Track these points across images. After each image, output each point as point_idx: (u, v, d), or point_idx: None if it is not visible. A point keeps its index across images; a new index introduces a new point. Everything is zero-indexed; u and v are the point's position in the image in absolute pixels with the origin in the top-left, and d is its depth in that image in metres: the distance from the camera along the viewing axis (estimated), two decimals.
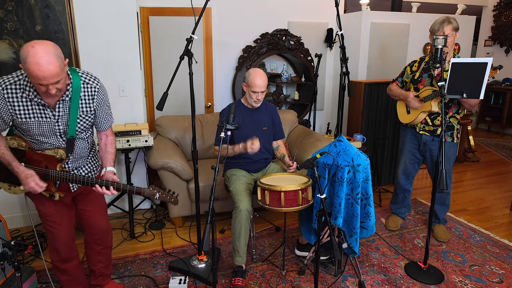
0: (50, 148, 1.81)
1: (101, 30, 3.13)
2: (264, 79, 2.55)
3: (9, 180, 1.87)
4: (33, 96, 1.70)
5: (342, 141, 2.35)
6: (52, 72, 1.54)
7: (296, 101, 4.61)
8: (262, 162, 2.76)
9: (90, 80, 1.85)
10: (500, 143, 6.18)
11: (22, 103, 1.71)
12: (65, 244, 2.02)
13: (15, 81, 1.70)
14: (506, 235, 3.11)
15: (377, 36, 4.49)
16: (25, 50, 1.52)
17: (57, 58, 1.56)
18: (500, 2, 6.82)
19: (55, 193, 1.88)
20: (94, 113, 1.90)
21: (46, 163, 1.81)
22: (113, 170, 1.92)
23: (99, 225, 2.13)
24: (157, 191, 1.86)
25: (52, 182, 1.86)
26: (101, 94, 1.89)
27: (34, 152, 1.81)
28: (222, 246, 2.95)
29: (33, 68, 1.51)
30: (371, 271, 2.61)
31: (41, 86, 1.58)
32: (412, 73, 2.91)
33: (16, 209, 3.24)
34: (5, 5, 2.88)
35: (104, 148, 2.00)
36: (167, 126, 3.58)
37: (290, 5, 4.39)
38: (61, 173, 1.82)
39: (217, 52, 4.16)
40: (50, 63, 1.53)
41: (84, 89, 1.82)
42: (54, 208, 1.95)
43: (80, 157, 1.95)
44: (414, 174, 3.10)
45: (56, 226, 1.98)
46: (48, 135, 1.79)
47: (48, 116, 1.76)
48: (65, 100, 1.77)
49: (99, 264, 2.23)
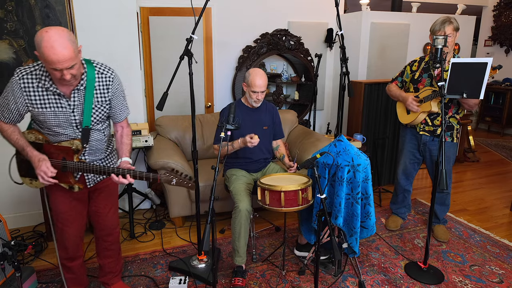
0: (66, 139, 1.83)
1: (101, 30, 3.13)
2: (264, 79, 2.55)
3: (30, 174, 1.89)
4: (48, 85, 1.72)
5: (342, 141, 2.35)
6: (66, 56, 1.56)
7: (296, 101, 4.61)
8: (261, 162, 2.76)
9: (104, 70, 1.87)
10: (500, 143, 6.18)
11: (38, 92, 1.73)
12: (74, 243, 2.05)
13: (31, 71, 1.72)
14: (506, 235, 3.11)
15: (377, 36, 4.49)
16: (39, 35, 1.54)
17: (71, 42, 1.58)
18: (500, 2, 6.82)
19: (74, 184, 1.89)
20: (109, 103, 1.91)
21: (63, 155, 1.82)
22: (129, 160, 1.93)
23: (108, 221, 2.16)
24: (173, 176, 1.84)
25: (71, 174, 1.87)
26: (115, 84, 1.90)
27: (51, 145, 1.83)
28: (222, 246, 2.95)
29: (47, 52, 1.53)
30: (371, 271, 2.61)
31: (56, 71, 1.60)
32: (412, 72, 2.90)
33: (16, 209, 3.24)
34: (5, 5, 2.88)
35: (120, 140, 2.01)
36: (167, 126, 3.58)
37: (290, 5, 4.39)
38: (78, 164, 1.82)
39: (217, 52, 4.16)
40: (64, 47, 1.55)
41: (98, 78, 1.83)
42: (68, 206, 1.97)
43: (97, 150, 1.95)
44: (414, 174, 3.10)
45: (68, 224, 2.00)
46: (64, 125, 1.80)
47: (64, 106, 1.77)
48: (80, 90, 1.78)
49: (108, 259, 2.26)
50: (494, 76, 3.11)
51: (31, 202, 3.26)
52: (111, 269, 2.29)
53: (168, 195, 3.16)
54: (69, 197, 1.96)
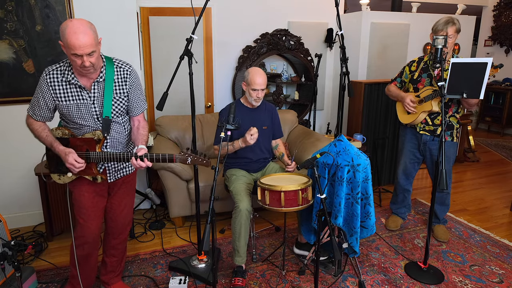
0: (89, 131, 1.95)
1: (101, 30, 3.08)
2: (264, 77, 2.55)
3: (58, 170, 1.99)
4: (70, 78, 1.87)
5: (342, 141, 2.35)
6: (87, 42, 1.71)
7: (296, 101, 4.61)
8: (261, 162, 2.76)
9: (123, 64, 2.00)
10: (500, 143, 6.18)
11: (62, 86, 1.89)
12: (93, 239, 2.10)
13: (57, 68, 1.89)
14: (506, 235, 3.11)
15: (377, 36, 4.49)
16: (63, 24, 1.72)
17: (91, 30, 1.75)
18: (500, 2, 6.82)
19: (97, 175, 1.97)
20: (127, 96, 2.01)
21: (87, 146, 1.93)
22: (144, 148, 1.99)
23: (122, 219, 2.22)
24: (188, 155, 1.91)
25: (95, 165, 1.97)
26: (133, 77, 2.02)
27: (76, 138, 1.95)
28: (222, 246, 2.95)
29: (71, 38, 1.68)
30: (371, 271, 2.61)
31: (77, 58, 1.73)
32: (411, 73, 2.90)
33: (16, 209, 3.25)
34: (5, 5, 2.88)
35: (136, 132, 2.09)
36: (167, 126, 3.58)
37: (290, 5, 4.39)
38: (100, 154, 1.93)
39: (217, 52, 4.16)
40: (85, 33, 1.71)
41: (117, 72, 1.97)
42: (92, 201, 2.04)
43: (119, 142, 2.05)
44: (414, 174, 3.10)
45: (90, 219, 2.05)
46: (86, 117, 1.93)
47: (85, 97, 1.91)
48: (99, 82, 1.92)
49: (113, 258, 2.30)
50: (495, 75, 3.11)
51: (31, 202, 3.26)
52: (114, 268, 2.32)
53: (168, 195, 3.16)
54: (92, 192, 2.03)
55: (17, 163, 3.14)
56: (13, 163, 3.14)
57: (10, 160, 3.15)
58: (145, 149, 1.97)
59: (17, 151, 3.13)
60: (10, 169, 3.17)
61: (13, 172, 3.18)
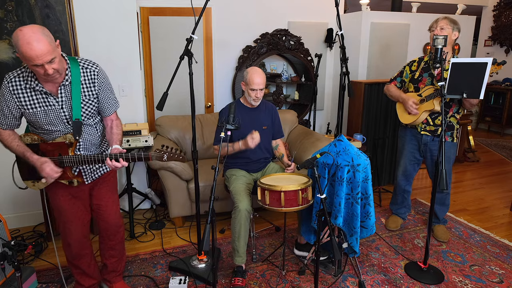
0: (59, 136, 1.88)
1: (101, 30, 3.13)
2: (262, 76, 2.55)
3: (32, 176, 1.94)
4: (35, 85, 1.77)
5: (342, 141, 2.35)
6: (44, 49, 1.59)
7: (296, 101, 4.61)
8: (261, 162, 2.76)
9: (89, 65, 1.91)
10: (500, 143, 6.18)
11: (27, 93, 1.79)
12: (78, 241, 2.08)
13: (18, 74, 1.79)
14: (506, 235, 3.11)
15: (377, 36, 4.49)
16: (14, 36, 1.59)
17: (45, 36, 1.62)
18: (500, 2, 6.82)
19: (73, 179, 1.94)
20: (97, 97, 1.94)
21: (59, 151, 1.88)
22: (119, 148, 1.96)
23: (112, 219, 2.18)
24: (163, 152, 1.88)
25: (69, 169, 1.92)
26: (101, 78, 1.94)
27: (46, 143, 1.88)
28: (222, 246, 2.95)
29: (25, 49, 1.57)
30: (371, 271, 2.61)
31: (38, 68, 1.64)
32: (411, 72, 2.90)
33: (16, 209, 3.25)
34: (5, 5, 2.88)
35: (110, 131, 2.05)
36: (167, 126, 3.58)
37: (290, 5, 4.39)
38: (73, 157, 1.87)
39: (217, 52, 4.16)
40: (39, 41, 1.59)
41: (84, 73, 1.88)
42: (69, 204, 2.01)
43: (92, 145, 2.00)
44: (413, 175, 3.10)
45: (69, 221, 2.04)
46: (55, 122, 1.86)
47: (52, 103, 1.82)
48: (66, 85, 1.83)
49: (112, 259, 2.29)
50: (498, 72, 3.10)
51: (31, 202, 3.25)
52: (115, 268, 2.32)
53: (168, 195, 3.16)
54: (68, 194, 2.00)
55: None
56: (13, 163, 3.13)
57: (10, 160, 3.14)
58: (119, 149, 1.93)
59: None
60: (10, 169, 3.17)
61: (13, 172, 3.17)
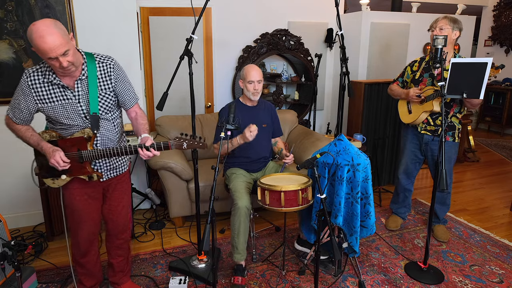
0: (78, 131, 1.89)
1: (101, 30, 3.13)
2: (258, 70, 2.58)
3: (51, 174, 1.94)
4: (52, 79, 1.81)
5: (342, 140, 2.35)
6: (56, 42, 1.63)
7: (296, 101, 4.61)
8: (261, 162, 2.76)
9: (104, 59, 1.94)
10: (500, 143, 6.18)
11: (45, 87, 1.82)
12: (87, 239, 2.10)
13: (36, 69, 1.83)
14: (506, 235, 3.11)
15: (377, 36, 4.49)
16: (28, 31, 1.63)
17: (57, 29, 1.66)
18: (500, 2, 6.82)
19: (92, 173, 1.94)
20: (114, 91, 1.96)
21: (77, 146, 1.88)
22: (148, 136, 1.96)
23: (121, 219, 2.20)
24: (183, 140, 1.87)
25: (88, 163, 1.93)
26: (117, 70, 1.96)
27: (64, 139, 1.89)
28: (222, 246, 2.95)
29: (38, 42, 1.61)
30: (371, 271, 2.61)
31: (53, 61, 1.67)
32: (412, 73, 2.90)
33: (16, 209, 3.25)
34: (5, 5, 2.88)
35: (135, 122, 2.07)
36: (167, 126, 3.58)
37: (290, 5, 4.39)
38: (93, 151, 1.88)
39: (217, 52, 4.16)
40: (52, 34, 1.62)
41: (100, 67, 1.91)
42: (84, 204, 2.02)
43: (109, 140, 1.99)
44: (415, 173, 3.10)
45: (83, 221, 2.05)
46: (73, 116, 1.87)
47: (69, 97, 1.85)
48: (82, 79, 1.86)
49: (119, 258, 2.29)
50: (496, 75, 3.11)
51: (31, 202, 3.26)
52: (122, 268, 2.32)
53: (168, 195, 3.16)
54: (84, 194, 2.01)
55: (17, 163, 3.14)
56: (13, 162, 3.14)
57: (10, 160, 3.15)
58: (148, 137, 1.95)
59: (17, 151, 3.12)
60: (10, 169, 3.17)
61: (13, 172, 3.18)
